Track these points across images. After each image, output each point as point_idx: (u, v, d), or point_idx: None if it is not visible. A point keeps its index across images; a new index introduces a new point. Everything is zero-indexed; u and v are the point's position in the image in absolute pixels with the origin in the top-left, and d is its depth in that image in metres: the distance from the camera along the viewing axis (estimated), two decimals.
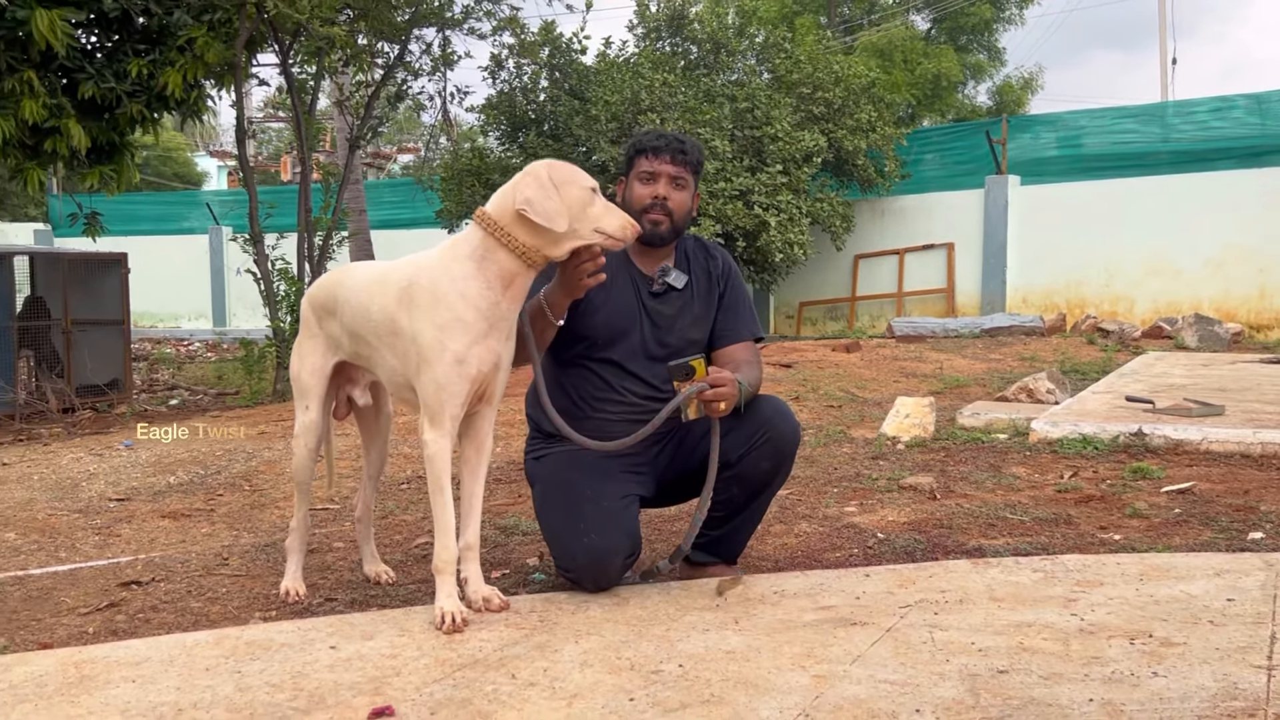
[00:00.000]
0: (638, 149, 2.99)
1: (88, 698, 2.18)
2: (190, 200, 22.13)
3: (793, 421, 2.91)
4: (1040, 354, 8.94)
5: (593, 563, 2.74)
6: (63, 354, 8.98)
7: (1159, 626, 2.42)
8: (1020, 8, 25.66)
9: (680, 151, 2.94)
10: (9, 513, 4.21)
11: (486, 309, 2.53)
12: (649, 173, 2.93)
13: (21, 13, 7.46)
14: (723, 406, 2.67)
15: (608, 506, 2.76)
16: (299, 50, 8.98)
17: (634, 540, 2.78)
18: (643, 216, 2.91)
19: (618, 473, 2.87)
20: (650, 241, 2.95)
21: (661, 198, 2.91)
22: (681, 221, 2.97)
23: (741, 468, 2.85)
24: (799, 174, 11.82)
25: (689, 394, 2.64)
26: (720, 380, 2.67)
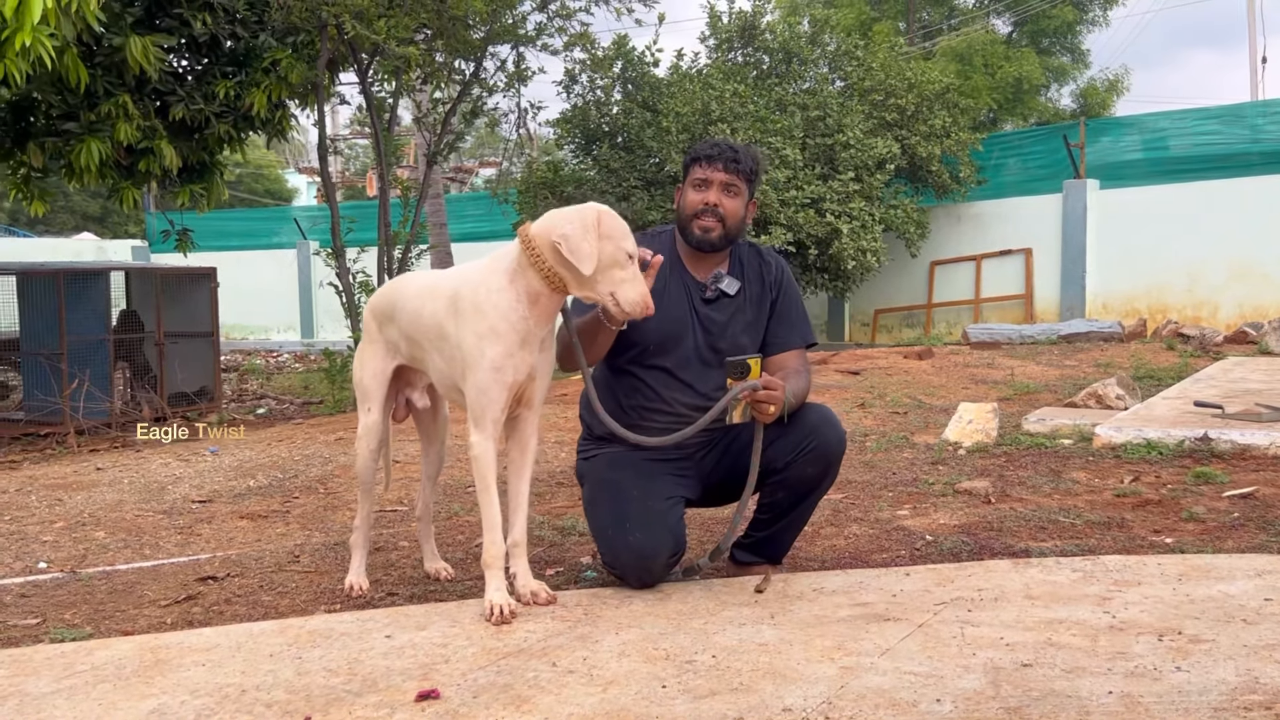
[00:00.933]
0: (693, 157, 3.09)
1: (161, 679, 2.35)
2: (280, 216, 22.82)
3: (839, 430, 2.97)
4: (1116, 360, 8.81)
5: (637, 560, 2.85)
6: (155, 365, 9.37)
7: (1190, 624, 2.44)
8: (1104, 9, 25.15)
9: (734, 160, 3.02)
10: (100, 513, 4.47)
11: (517, 322, 2.66)
12: (702, 180, 3.03)
13: (117, 40, 7.84)
14: (771, 410, 2.75)
15: (653, 506, 2.86)
16: (378, 69, 9.27)
17: (678, 540, 2.88)
18: (694, 222, 3.01)
19: (663, 474, 2.97)
20: (701, 247, 3.04)
21: (713, 204, 3.00)
22: (734, 228, 3.05)
23: (788, 474, 2.92)
24: (871, 181, 11.80)
25: (738, 391, 2.73)
26: (772, 384, 2.75)
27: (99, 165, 8.40)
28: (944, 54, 23.68)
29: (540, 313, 2.68)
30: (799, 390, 2.93)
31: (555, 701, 2.15)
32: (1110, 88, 25.57)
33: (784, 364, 3.05)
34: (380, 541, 3.83)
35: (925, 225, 13.12)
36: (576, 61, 11.01)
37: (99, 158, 8.25)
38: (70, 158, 8.36)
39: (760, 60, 13.02)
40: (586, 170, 12.33)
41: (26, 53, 6.04)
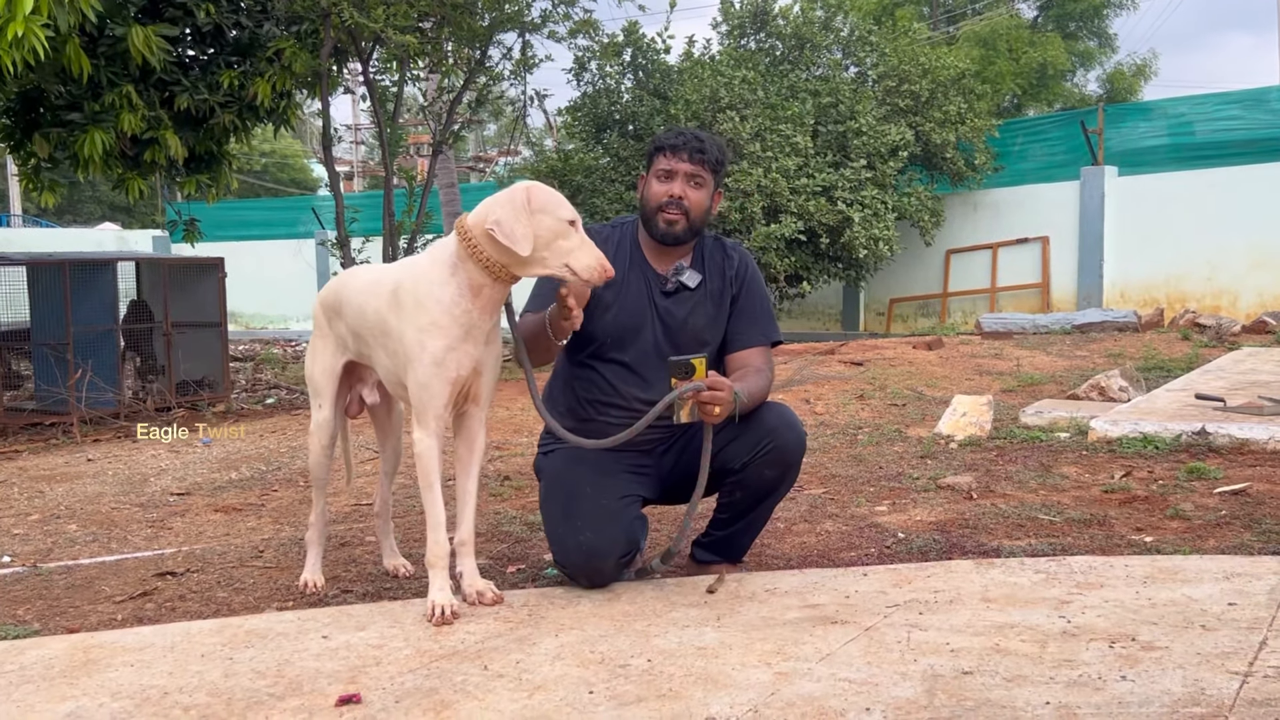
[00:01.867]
0: (657, 146, 3.00)
1: (86, 680, 2.32)
2: (300, 205, 22.85)
3: (798, 431, 2.89)
4: (1128, 351, 8.64)
5: (586, 560, 2.79)
6: (162, 355, 9.39)
7: (1146, 630, 2.35)
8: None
9: (699, 150, 2.93)
10: (77, 506, 4.46)
11: (459, 315, 2.59)
12: (667, 170, 2.94)
13: (119, 30, 7.83)
14: (717, 411, 2.65)
15: (606, 505, 2.80)
16: (381, 58, 9.23)
17: (630, 540, 2.81)
18: (658, 214, 2.93)
19: (620, 472, 2.90)
20: (665, 240, 2.96)
21: (678, 196, 2.91)
22: (698, 220, 2.96)
23: (745, 475, 2.84)
24: (884, 168, 11.65)
25: (681, 392, 2.63)
26: (717, 384, 2.64)
27: (103, 155, 8.40)
28: (967, 39, 23.41)
29: (483, 305, 2.62)
30: (756, 389, 2.83)
31: (478, 708, 2.10)
32: (1138, 72, 25.23)
33: (746, 361, 2.96)
34: (347, 537, 3.79)
35: (940, 213, 12.96)
36: (584, 49, 10.91)
37: (103, 148, 8.25)
38: (75, 148, 8.38)
39: (773, 47, 12.88)
40: (596, 159, 12.25)
41: (20, 43, 6.03)
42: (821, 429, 5.76)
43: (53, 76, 7.99)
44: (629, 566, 2.91)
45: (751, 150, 10.91)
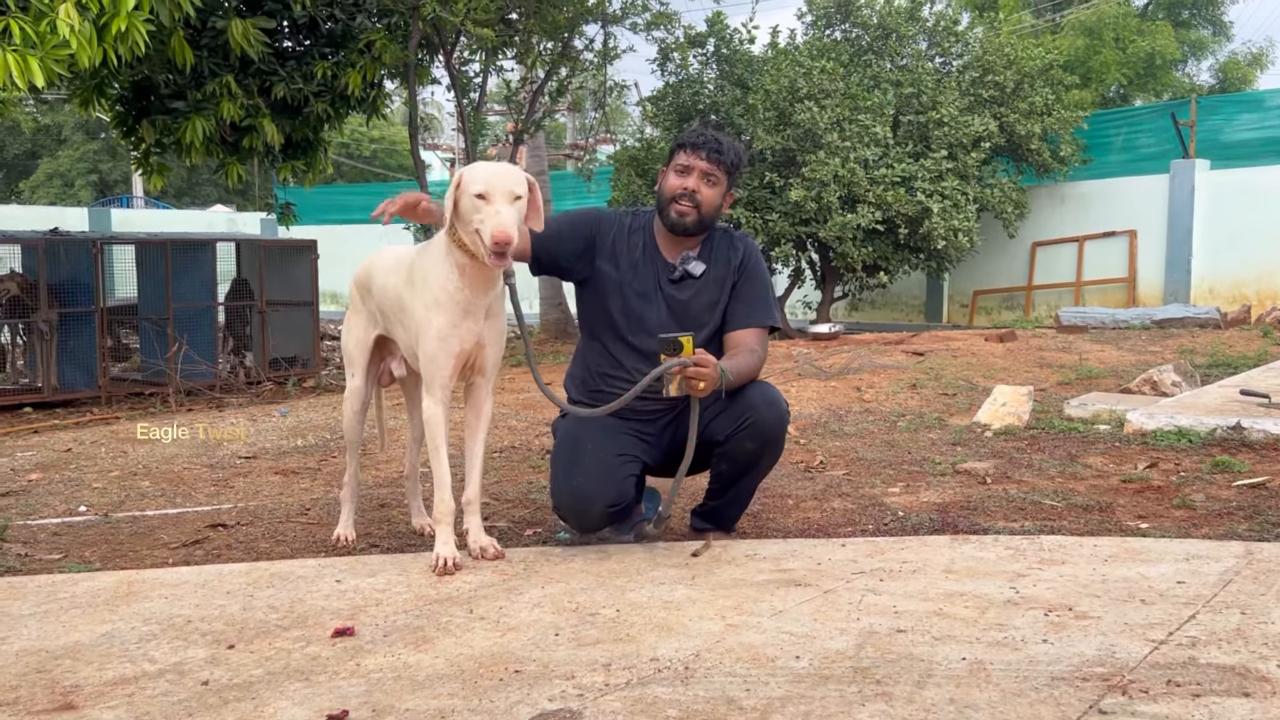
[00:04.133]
0: (679, 143, 3.24)
1: (125, 608, 2.64)
2: (399, 190, 23.54)
3: (779, 409, 3.07)
4: (1200, 347, 8.51)
5: (574, 502, 3.04)
6: (257, 332, 9.92)
7: (1086, 602, 2.48)
8: None
9: (716, 150, 3.16)
10: (153, 465, 4.86)
11: (454, 292, 2.85)
12: (684, 166, 3.18)
13: (220, 22, 8.31)
14: (701, 386, 2.87)
15: (603, 459, 3.04)
16: (464, 49, 9.58)
17: (620, 492, 3.03)
18: (671, 205, 3.17)
19: (622, 434, 3.12)
20: (674, 230, 3.19)
21: (691, 190, 3.14)
22: (708, 215, 3.18)
23: (729, 447, 3.06)
24: (966, 159, 11.58)
25: (668, 367, 2.86)
26: (703, 361, 2.88)
27: (204, 141, 8.93)
28: (1071, 27, 22.88)
29: (470, 281, 2.86)
30: (744, 367, 3.04)
31: (453, 643, 2.35)
32: (1253, 61, 24.32)
33: (739, 341, 3.17)
34: (388, 499, 4.09)
35: (1024, 205, 12.81)
36: (658, 42, 11.10)
37: (203, 134, 8.77)
38: (178, 134, 8.91)
39: (858, 37, 12.88)
40: None
41: (124, 36, 6.48)
42: (864, 415, 5.89)
43: (159, 67, 8.52)
44: (622, 521, 3.13)
45: (829, 140, 10.97)
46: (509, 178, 2.79)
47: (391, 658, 2.26)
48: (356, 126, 29.68)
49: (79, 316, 8.80)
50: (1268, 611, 2.37)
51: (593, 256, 3.22)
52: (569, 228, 3.22)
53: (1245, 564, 2.73)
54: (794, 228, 11.34)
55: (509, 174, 2.81)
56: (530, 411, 6.14)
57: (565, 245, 3.19)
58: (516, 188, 2.78)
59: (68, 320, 8.78)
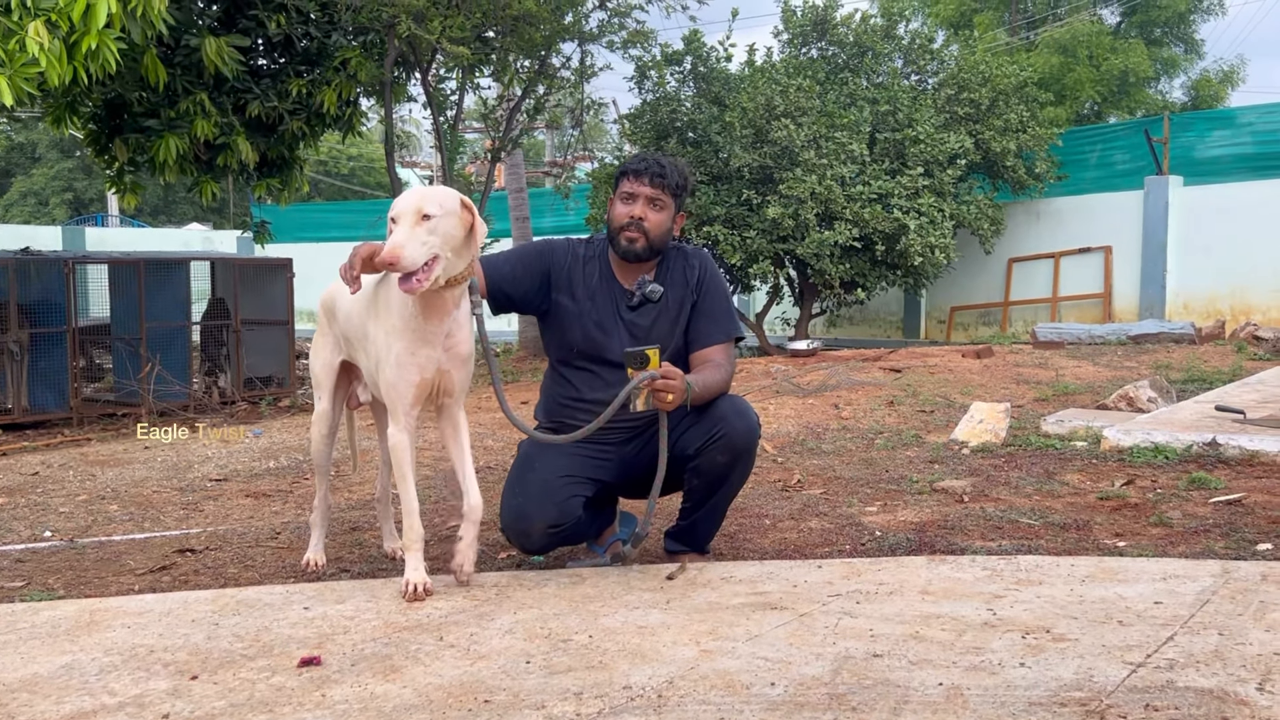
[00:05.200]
0: (622, 171, 3.23)
1: (86, 638, 2.58)
2: (378, 208, 23.46)
3: (750, 421, 3.05)
4: (1176, 362, 8.55)
5: (514, 522, 3.02)
6: (232, 351, 9.84)
7: (1063, 624, 2.46)
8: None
9: (659, 175, 3.14)
10: (122, 488, 4.79)
11: (409, 318, 2.81)
12: (629, 193, 3.16)
13: (194, 40, 8.27)
14: (670, 398, 2.85)
15: (546, 479, 3.02)
16: (441, 66, 9.56)
17: (562, 512, 2.99)
18: (620, 234, 3.14)
19: (577, 456, 3.09)
20: (626, 257, 3.17)
21: (638, 217, 3.12)
22: (658, 240, 3.16)
23: (700, 461, 3.03)
24: (942, 176, 11.63)
25: (636, 382, 2.84)
26: (669, 374, 2.86)
27: (177, 160, 8.87)
28: (1046, 45, 23.11)
29: (424, 309, 2.80)
30: (712, 381, 3.02)
31: (423, 673, 2.30)
32: (1225, 79, 24.62)
33: (706, 358, 3.15)
34: (359, 522, 4.04)
35: (1000, 221, 12.87)
36: (637, 59, 11.10)
37: (177, 153, 8.71)
38: (151, 153, 8.85)
39: (835, 55, 12.93)
40: None
41: (95, 54, 6.42)
42: (842, 433, 5.87)
43: (132, 85, 8.46)
44: (559, 538, 3.08)
45: (806, 157, 11.00)
46: (422, 199, 2.71)
47: (358, 688, 2.21)
48: (334, 144, 29.64)
49: (50, 337, 8.71)
50: (1245, 632, 2.35)
51: (549, 290, 3.19)
52: (522, 265, 3.19)
53: (1222, 583, 2.71)
54: (772, 245, 11.35)
55: (424, 195, 2.74)
56: (506, 431, 6.09)
57: (521, 284, 3.17)
58: (426, 207, 2.69)
59: (39, 340, 8.69)
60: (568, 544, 3.22)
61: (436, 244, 2.69)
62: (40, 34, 5.98)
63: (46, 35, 6.01)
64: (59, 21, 6.12)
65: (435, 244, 2.69)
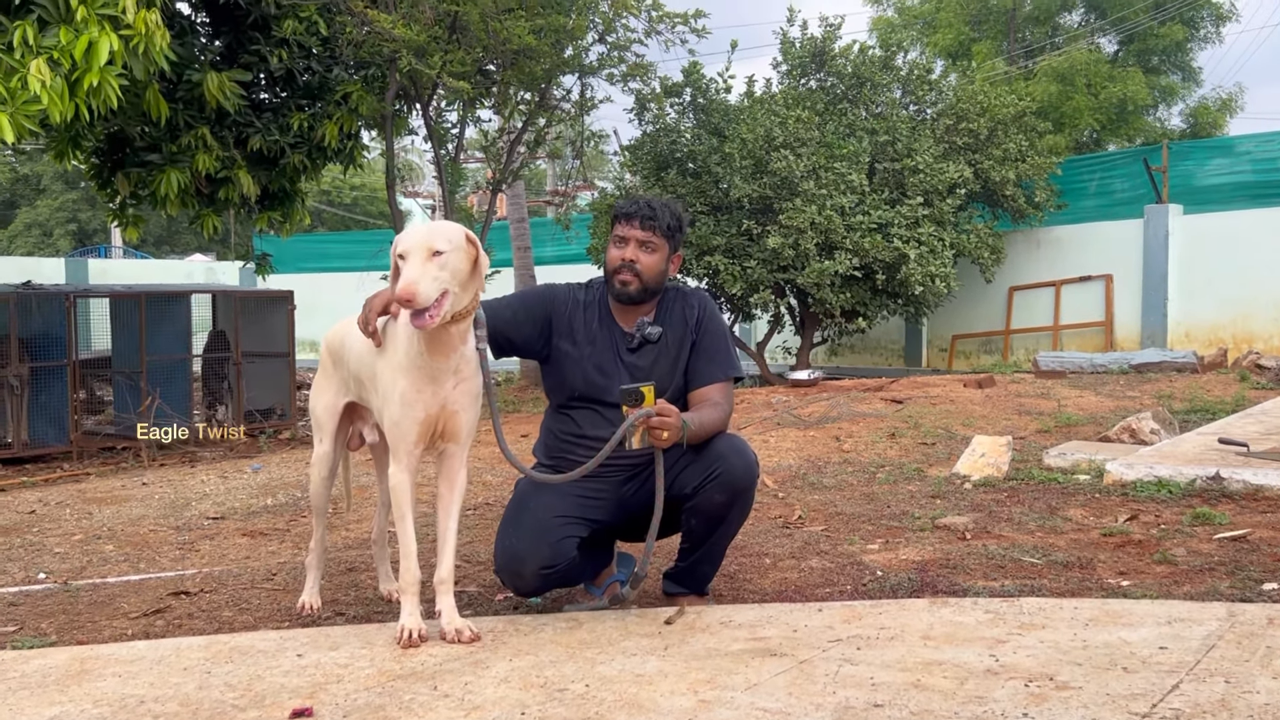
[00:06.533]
0: (615, 214, 3.22)
1: (76, 688, 2.54)
2: (381, 239, 23.52)
3: (748, 459, 3.02)
4: (1178, 392, 8.53)
5: (507, 562, 3.00)
6: (233, 384, 9.82)
7: (1067, 671, 2.42)
8: (1217, 25, 24.28)
9: (650, 218, 3.14)
10: (118, 527, 4.76)
11: (415, 356, 2.79)
12: (621, 237, 3.16)
13: (196, 75, 8.30)
14: (665, 436, 2.84)
15: (541, 519, 2.99)
16: (441, 99, 9.60)
17: (555, 553, 2.96)
18: (614, 277, 3.14)
19: (573, 496, 3.06)
20: (620, 300, 3.17)
21: (630, 260, 3.12)
22: (651, 282, 3.15)
23: (698, 500, 3.00)
24: (942, 206, 11.65)
25: (631, 421, 2.82)
26: (665, 411, 2.84)
27: (179, 194, 8.90)
28: (1044, 74, 23.18)
29: (429, 345, 2.78)
30: (709, 420, 3.00)
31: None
32: (1223, 107, 24.68)
33: (705, 397, 3.13)
34: (356, 563, 4.00)
35: (1000, 250, 12.89)
36: (637, 91, 11.14)
37: (178, 187, 8.74)
38: (153, 187, 8.87)
39: (833, 86, 12.98)
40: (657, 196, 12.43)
41: (97, 91, 6.44)
42: (843, 466, 5.84)
43: (134, 119, 8.48)
44: (553, 579, 3.05)
45: (805, 188, 11.02)
46: (431, 235, 2.71)
47: None
48: (337, 174, 29.72)
49: (51, 371, 8.69)
50: (1252, 680, 2.32)
51: (550, 336, 3.19)
52: (524, 312, 3.18)
53: (1228, 627, 2.68)
54: (772, 274, 11.36)
55: (432, 231, 2.73)
56: (505, 466, 6.05)
57: (522, 330, 3.16)
58: (436, 243, 2.68)
59: (39, 375, 8.67)
60: (563, 585, 3.19)
61: (446, 279, 2.69)
62: (42, 72, 6.00)
63: (49, 73, 6.03)
64: (61, 59, 6.14)
65: (445, 279, 2.69)
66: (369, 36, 8.52)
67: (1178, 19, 23.76)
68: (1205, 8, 23.89)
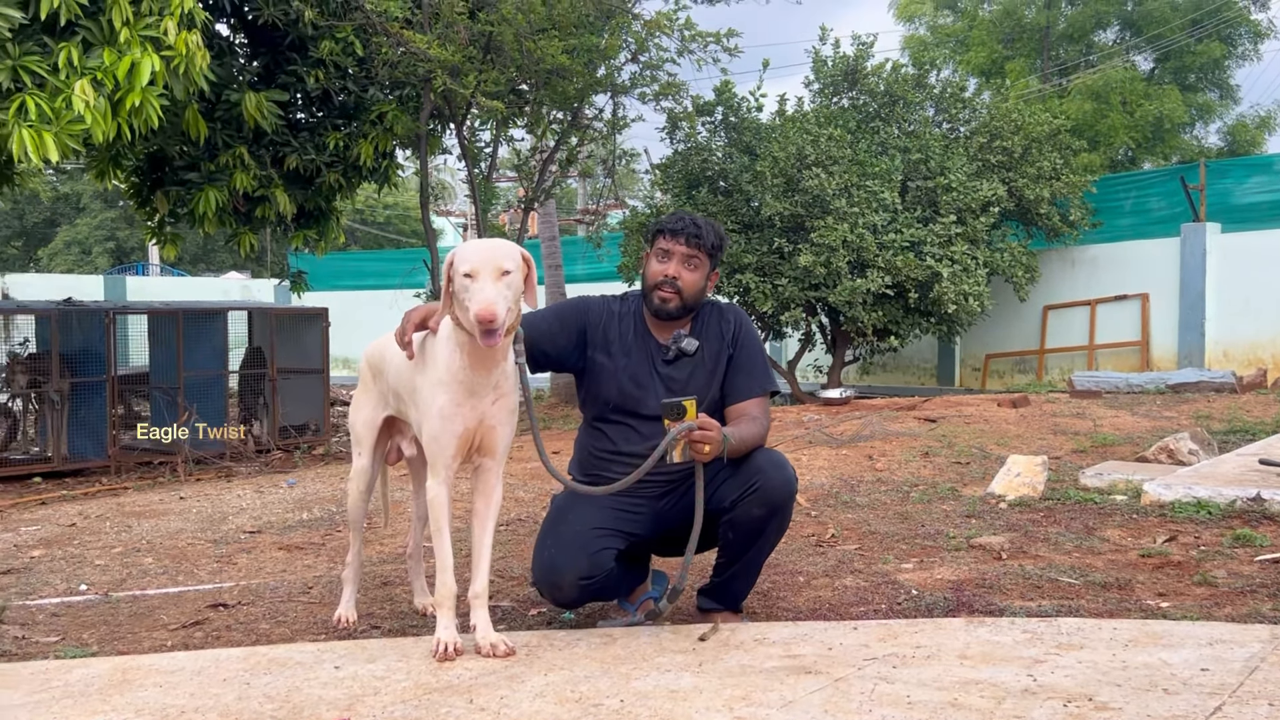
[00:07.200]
0: (658, 229, 3.24)
1: (118, 698, 2.57)
2: (413, 257, 23.69)
3: (787, 473, 3.03)
4: (1216, 412, 8.42)
5: (546, 574, 3.01)
6: (268, 400, 9.91)
7: (1106, 691, 2.40)
8: (1255, 43, 24.09)
9: (695, 235, 3.16)
10: (157, 540, 4.81)
11: (457, 371, 2.81)
12: (664, 251, 3.17)
13: (234, 96, 8.42)
14: (706, 449, 2.85)
15: (578, 530, 3.01)
16: (475, 119, 9.69)
17: (594, 564, 2.97)
18: (654, 292, 3.16)
19: (610, 509, 3.07)
20: (659, 315, 3.18)
21: (672, 276, 3.14)
22: (691, 298, 3.18)
23: (735, 514, 3.01)
24: (975, 224, 11.59)
25: (676, 432, 2.83)
26: (707, 425, 2.85)
27: (216, 212, 9.01)
28: (1078, 91, 23.09)
29: (472, 360, 2.81)
30: (748, 434, 3.01)
31: None
32: (1261, 124, 24.47)
33: (743, 411, 3.14)
34: (390, 576, 4.03)
35: (1034, 269, 12.80)
36: (669, 110, 11.20)
37: (216, 205, 8.86)
38: (191, 205, 9.00)
39: (865, 104, 12.98)
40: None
41: (138, 111, 6.55)
42: (876, 485, 5.82)
43: (174, 139, 8.62)
44: (601, 599, 3.10)
45: (837, 206, 11.01)
46: (498, 253, 2.74)
47: None
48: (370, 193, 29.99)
49: (90, 386, 8.81)
50: None
51: (585, 348, 3.20)
52: (558, 323, 3.19)
53: (1271, 649, 2.64)
54: (803, 292, 11.34)
55: (498, 250, 2.76)
56: (538, 482, 6.08)
57: (558, 341, 3.17)
58: (505, 263, 2.72)
59: (79, 390, 8.79)
60: (599, 598, 3.19)
61: (511, 297, 2.74)
62: (86, 92, 6.12)
63: (92, 93, 6.14)
64: (104, 80, 6.25)
65: (510, 297, 2.73)
66: (404, 57, 8.62)
67: (1215, 36, 23.62)
68: (1243, 25, 23.73)
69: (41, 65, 6.11)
